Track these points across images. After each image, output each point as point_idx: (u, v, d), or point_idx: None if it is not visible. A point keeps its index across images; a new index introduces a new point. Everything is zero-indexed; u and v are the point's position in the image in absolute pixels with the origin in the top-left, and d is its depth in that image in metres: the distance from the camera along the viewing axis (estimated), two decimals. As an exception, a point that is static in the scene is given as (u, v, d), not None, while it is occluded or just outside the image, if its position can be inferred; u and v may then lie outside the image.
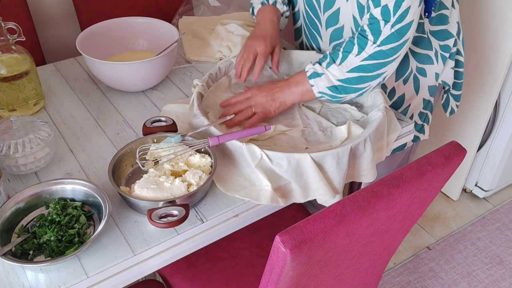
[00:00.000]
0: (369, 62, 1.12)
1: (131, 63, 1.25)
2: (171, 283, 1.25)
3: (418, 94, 1.35)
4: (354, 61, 1.13)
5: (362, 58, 1.12)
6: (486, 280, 1.88)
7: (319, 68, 1.16)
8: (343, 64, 1.13)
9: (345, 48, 1.14)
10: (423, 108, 1.39)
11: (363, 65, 1.12)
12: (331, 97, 1.17)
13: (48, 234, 0.91)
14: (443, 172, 0.91)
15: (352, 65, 1.13)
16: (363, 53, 1.12)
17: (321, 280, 0.93)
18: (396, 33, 1.09)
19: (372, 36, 1.11)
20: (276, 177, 1.04)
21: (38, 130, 1.05)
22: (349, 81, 1.14)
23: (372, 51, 1.11)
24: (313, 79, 1.17)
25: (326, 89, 1.16)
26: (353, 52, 1.13)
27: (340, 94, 1.17)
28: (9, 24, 1.16)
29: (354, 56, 1.12)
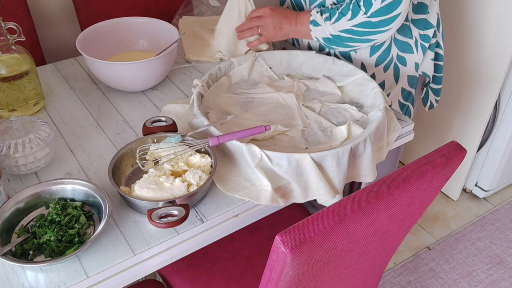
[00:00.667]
0: (358, 29, 1.23)
1: (131, 63, 1.25)
2: (171, 283, 1.25)
3: (397, 83, 1.39)
4: (345, 24, 1.24)
5: (352, 24, 1.23)
6: (486, 280, 1.88)
7: (319, 18, 1.28)
8: (335, 24, 1.25)
9: (342, 9, 1.25)
10: (403, 99, 1.42)
11: (353, 29, 1.24)
12: (325, 42, 1.30)
13: (48, 234, 0.91)
14: (443, 172, 0.91)
15: (343, 27, 1.24)
16: (354, 20, 1.22)
17: (321, 280, 0.93)
18: (386, 7, 1.18)
19: (364, 7, 1.20)
20: (276, 177, 1.04)
21: (38, 130, 1.05)
22: (340, 38, 1.27)
23: (362, 20, 1.21)
24: (312, 25, 1.29)
25: (321, 38, 1.30)
26: (346, 17, 1.23)
27: (332, 45, 1.30)
28: (9, 24, 1.16)
29: (346, 20, 1.23)
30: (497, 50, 1.79)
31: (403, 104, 1.44)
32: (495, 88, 1.86)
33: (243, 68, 1.34)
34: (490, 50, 1.80)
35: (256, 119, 1.20)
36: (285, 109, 1.24)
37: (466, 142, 2.02)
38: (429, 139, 2.16)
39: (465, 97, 1.96)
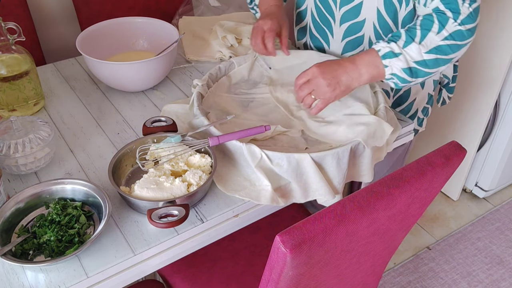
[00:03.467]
0: (448, 42, 1.06)
1: (131, 63, 1.25)
2: (171, 283, 1.25)
3: (423, 89, 1.36)
4: (435, 40, 1.06)
5: (443, 37, 1.06)
6: (486, 280, 1.88)
7: (396, 47, 1.08)
8: (423, 43, 1.06)
9: (423, 25, 1.07)
10: (426, 103, 1.40)
11: (442, 45, 1.06)
12: (401, 80, 1.10)
13: (48, 234, 0.91)
14: (443, 172, 0.91)
15: (432, 44, 1.06)
16: (444, 31, 1.06)
17: (321, 280, 0.93)
18: (474, 12, 1.06)
19: (451, 14, 1.06)
20: (276, 177, 1.04)
21: (38, 130, 1.05)
22: (425, 63, 1.08)
23: (452, 30, 1.06)
24: (388, 59, 1.08)
25: (401, 71, 1.08)
26: (433, 30, 1.06)
27: (412, 77, 1.10)
28: (9, 24, 1.16)
29: (435, 34, 1.06)
30: (497, 51, 1.79)
31: (425, 107, 1.42)
32: (495, 88, 1.86)
33: (243, 68, 1.34)
34: (490, 50, 1.80)
35: (256, 119, 1.20)
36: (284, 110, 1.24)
37: (466, 142, 2.02)
38: (429, 139, 2.16)
39: (465, 97, 1.96)
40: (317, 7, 1.32)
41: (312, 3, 1.33)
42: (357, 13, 1.24)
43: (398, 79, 1.10)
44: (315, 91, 1.11)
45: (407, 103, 1.37)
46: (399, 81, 1.11)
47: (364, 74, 1.10)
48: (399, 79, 1.10)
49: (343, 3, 1.25)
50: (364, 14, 1.23)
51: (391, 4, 1.18)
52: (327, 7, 1.29)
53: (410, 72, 1.09)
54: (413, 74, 1.10)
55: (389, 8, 1.19)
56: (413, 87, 1.35)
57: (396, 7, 1.19)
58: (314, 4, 1.33)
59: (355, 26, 1.27)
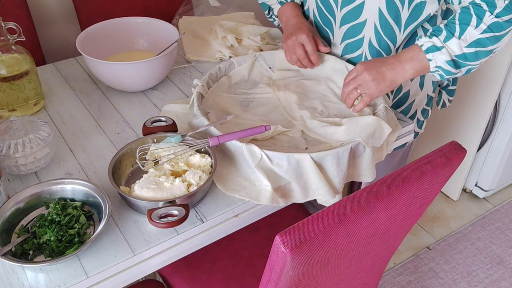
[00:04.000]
0: (487, 35, 1.08)
1: (131, 63, 1.25)
2: (171, 283, 1.25)
3: (422, 90, 1.36)
4: (474, 34, 1.08)
5: (481, 31, 1.08)
6: (486, 280, 1.88)
7: (438, 41, 1.10)
8: (462, 38, 1.09)
9: (461, 20, 1.09)
10: (425, 105, 1.40)
11: (481, 38, 1.08)
12: (446, 72, 1.13)
13: (48, 234, 0.91)
14: (443, 172, 0.91)
15: (471, 38, 1.08)
16: (482, 25, 1.07)
17: (321, 280, 0.93)
18: (510, 4, 1.07)
19: (488, 7, 1.07)
20: (276, 177, 1.04)
21: (38, 130, 1.05)
22: (465, 57, 1.10)
23: (490, 22, 1.07)
24: (431, 53, 1.11)
25: (445, 63, 1.11)
26: (472, 24, 1.08)
27: (456, 69, 1.12)
28: (9, 24, 1.16)
29: (474, 28, 1.08)
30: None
31: (424, 109, 1.42)
32: (495, 88, 1.86)
33: (243, 68, 1.33)
34: (490, 50, 1.80)
35: (256, 119, 1.20)
36: (285, 110, 1.24)
37: (466, 142, 2.02)
38: (429, 139, 2.16)
39: (465, 97, 1.96)
40: (318, 7, 1.32)
41: (314, 4, 1.33)
42: (358, 14, 1.24)
43: (443, 71, 1.13)
44: (361, 86, 1.13)
45: (407, 104, 1.37)
46: (444, 73, 1.13)
47: (409, 69, 1.13)
48: (444, 71, 1.13)
49: (344, 3, 1.25)
50: (365, 14, 1.23)
51: (393, 4, 1.18)
52: (328, 7, 1.29)
53: (454, 64, 1.11)
54: (457, 66, 1.12)
55: (391, 8, 1.19)
56: (413, 88, 1.35)
57: (398, 7, 1.18)
58: (315, 5, 1.33)
59: (356, 28, 1.27)
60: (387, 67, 1.13)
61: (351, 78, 1.15)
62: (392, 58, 1.15)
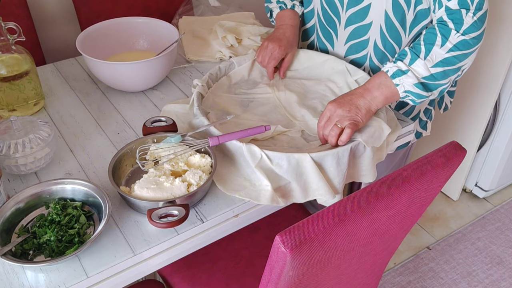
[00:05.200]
0: (453, 53, 1.07)
1: (131, 63, 1.25)
2: (171, 283, 1.25)
3: None
4: (439, 53, 1.07)
5: (447, 50, 1.07)
6: (486, 280, 1.88)
7: (403, 65, 1.09)
8: (428, 58, 1.08)
9: (426, 40, 1.09)
10: (428, 104, 1.40)
11: (448, 57, 1.07)
12: (417, 96, 1.11)
13: (48, 234, 0.91)
14: (443, 172, 0.91)
15: (437, 58, 1.08)
16: (448, 43, 1.07)
17: (321, 280, 0.93)
18: (478, 21, 1.07)
19: (453, 25, 1.07)
20: (276, 177, 1.04)
21: (38, 130, 1.05)
22: (434, 77, 1.09)
23: (456, 41, 1.07)
24: (398, 77, 1.10)
25: (413, 86, 1.09)
26: (437, 43, 1.08)
27: (426, 92, 1.11)
28: (9, 24, 1.16)
29: (439, 47, 1.07)
30: (497, 51, 1.79)
31: (427, 109, 1.42)
32: (495, 88, 1.86)
33: (243, 68, 1.34)
34: (490, 50, 1.80)
35: (256, 119, 1.20)
36: (285, 110, 1.24)
37: (466, 142, 2.02)
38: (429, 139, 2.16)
39: (465, 97, 1.96)
40: (323, 8, 1.32)
41: (319, 4, 1.33)
42: (364, 16, 1.24)
43: (414, 96, 1.11)
44: (339, 121, 1.08)
45: (410, 105, 1.37)
46: (415, 98, 1.12)
47: (378, 96, 1.11)
48: (414, 95, 1.11)
49: (350, 5, 1.24)
50: (371, 16, 1.23)
51: (399, 7, 1.18)
52: (334, 8, 1.29)
53: (423, 87, 1.10)
54: (427, 88, 1.11)
55: (397, 10, 1.19)
56: None
57: (404, 9, 1.19)
58: (320, 5, 1.33)
59: (361, 29, 1.27)
60: (357, 97, 1.10)
61: (326, 119, 1.09)
62: (360, 88, 1.12)
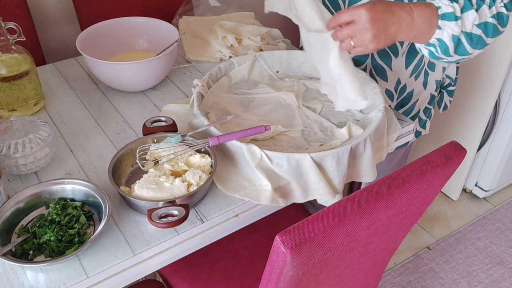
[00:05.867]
0: (493, 21, 0.98)
1: (131, 63, 1.25)
2: (171, 283, 1.25)
3: (426, 89, 1.36)
4: (486, 14, 0.98)
5: (491, 14, 0.98)
6: (486, 280, 1.88)
7: (458, 9, 0.96)
8: (479, 12, 0.97)
9: None
10: (428, 103, 1.40)
11: (489, 23, 0.98)
12: (442, 50, 0.99)
13: (48, 234, 0.91)
14: (443, 172, 0.91)
15: (482, 18, 0.97)
16: (493, 8, 0.98)
17: (321, 280, 0.93)
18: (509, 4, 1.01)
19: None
20: (276, 177, 1.04)
21: (38, 130, 1.05)
22: (470, 38, 0.98)
23: (498, 10, 0.99)
24: (446, 21, 0.96)
25: (450, 39, 0.97)
26: (486, 2, 0.98)
27: (454, 51, 1.00)
28: (9, 24, 1.16)
29: (488, 7, 0.98)
30: (497, 50, 1.79)
31: (427, 108, 1.43)
32: (495, 88, 1.86)
33: (243, 68, 1.34)
34: (490, 50, 1.80)
35: (256, 119, 1.20)
36: (285, 109, 1.24)
37: (466, 142, 2.02)
38: (429, 139, 2.16)
39: (465, 97, 1.96)
40: (325, 5, 1.31)
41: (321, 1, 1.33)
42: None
43: (439, 48, 1.00)
44: (356, 38, 0.95)
45: (410, 104, 1.38)
46: (437, 50, 1.00)
47: (415, 30, 0.97)
48: (440, 48, 1.00)
49: (352, 3, 1.24)
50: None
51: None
52: (336, 7, 1.28)
53: (456, 44, 0.99)
54: (457, 47, 1.00)
55: None
56: (416, 87, 1.35)
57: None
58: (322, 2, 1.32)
59: None
60: (395, 21, 0.95)
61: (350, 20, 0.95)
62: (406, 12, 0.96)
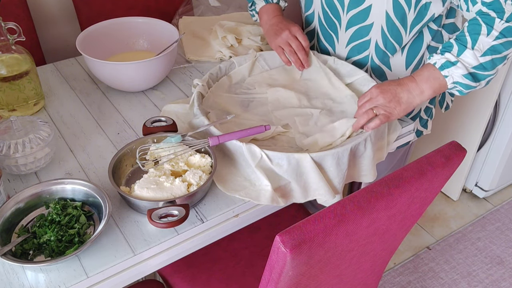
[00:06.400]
0: (500, 41, 1.06)
1: (131, 63, 1.25)
2: (171, 283, 1.25)
3: None
4: (487, 42, 1.06)
5: (494, 37, 1.06)
6: (486, 280, 1.88)
7: (451, 56, 1.08)
8: (476, 48, 1.07)
9: (471, 31, 1.08)
10: (429, 103, 1.41)
11: (495, 45, 1.06)
12: (465, 87, 1.10)
13: (48, 234, 0.91)
14: (443, 172, 0.91)
15: (485, 46, 1.06)
16: (493, 32, 1.06)
17: (321, 280, 0.93)
18: None
19: (496, 14, 1.06)
20: (276, 177, 1.04)
21: (38, 130, 1.05)
22: (483, 67, 1.07)
23: (501, 28, 1.06)
24: (446, 69, 1.08)
25: (462, 77, 1.08)
26: (483, 32, 1.06)
27: (475, 82, 1.09)
28: (9, 24, 1.16)
29: (485, 36, 1.06)
30: (497, 50, 1.79)
31: (428, 107, 1.43)
32: (495, 88, 1.86)
33: (244, 68, 1.34)
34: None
35: (256, 119, 1.20)
36: (285, 109, 1.24)
37: (466, 142, 2.02)
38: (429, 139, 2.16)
39: (465, 97, 1.96)
40: (324, 11, 1.32)
41: (319, 7, 1.33)
42: (365, 17, 1.24)
43: (462, 86, 1.10)
44: (377, 108, 1.10)
45: None
46: (463, 88, 1.11)
47: (426, 89, 1.10)
48: (463, 86, 1.10)
49: (351, 7, 1.24)
50: (372, 17, 1.23)
51: (400, 7, 1.18)
52: (334, 11, 1.29)
53: (472, 77, 1.08)
54: (475, 78, 1.09)
55: (398, 11, 1.19)
56: None
57: (405, 9, 1.19)
58: (321, 8, 1.33)
59: (362, 30, 1.27)
60: (403, 89, 1.11)
61: (366, 100, 1.12)
62: (408, 79, 1.12)
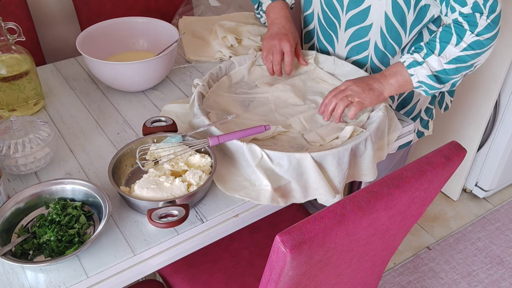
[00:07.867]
0: (467, 52, 1.11)
1: (131, 63, 1.25)
2: (171, 283, 1.25)
3: None
4: (453, 52, 1.12)
5: (461, 49, 1.11)
6: (486, 280, 1.88)
7: (419, 57, 1.14)
8: (442, 55, 1.13)
9: (442, 38, 1.13)
10: (429, 103, 1.41)
11: (461, 56, 1.12)
12: (430, 87, 1.16)
13: (48, 234, 0.91)
14: (443, 172, 0.91)
15: (451, 55, 1.12)
16: (462, 43, 1.11)
17: (321, 280, 0.93)
18: (492, 23, 1.10)
19: (468, 27, 1.10)
20: (276, 177, 1.03)
21: (38, 130, 1.05)
22: (446, 72, 1.14)
23: (470, 41, 1.11)
24: (412, 68, 1.15)
25: (427, 77, 1.14)
26: (452, 42, 1.12)
27: (438, 84, 1.15)
28: (9, 24, 1.16)
29: (454, 46, 1.12)
30: (497, 50, 1.78)
31: (428, 108, 1.43)
32: (495, 88, 1.86)
33: (244, 68, 1.34)
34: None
35: (256, 119, 1.20)
36: (288, 107, 1.24)
37: (466, 142, 2.02)
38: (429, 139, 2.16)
39: (465, 97, 1.96)
40: (323, 11, 1.32)
41: (319, 7, 1.33)
42: (364, 17, 1.24)
43: (426, 86, 1.16)
44: (351, 96, 1.15)
45: (411, 105, 1.38)
46: (427, 88, 1.17)
47: (393, 83, 1.16)
48: (427, 86, 1.16)
49: (350, 7, 1.25)
50: (371, 18, 1.23)
51: (399, 8, 1.19)
52: (334, 11, 1.29)
53: (436, 79, 1.15)
54: (439, 81, 1.15)
55: (397, 12, 1.20)
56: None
57: (404, 10, 1.19)
58: (320, 8, 1.33)
59: (361, 31, 1.27)
60: (374, 80, 1.17)
61: (339, 90, 1.17)
62: (378, 74, 1.18)
